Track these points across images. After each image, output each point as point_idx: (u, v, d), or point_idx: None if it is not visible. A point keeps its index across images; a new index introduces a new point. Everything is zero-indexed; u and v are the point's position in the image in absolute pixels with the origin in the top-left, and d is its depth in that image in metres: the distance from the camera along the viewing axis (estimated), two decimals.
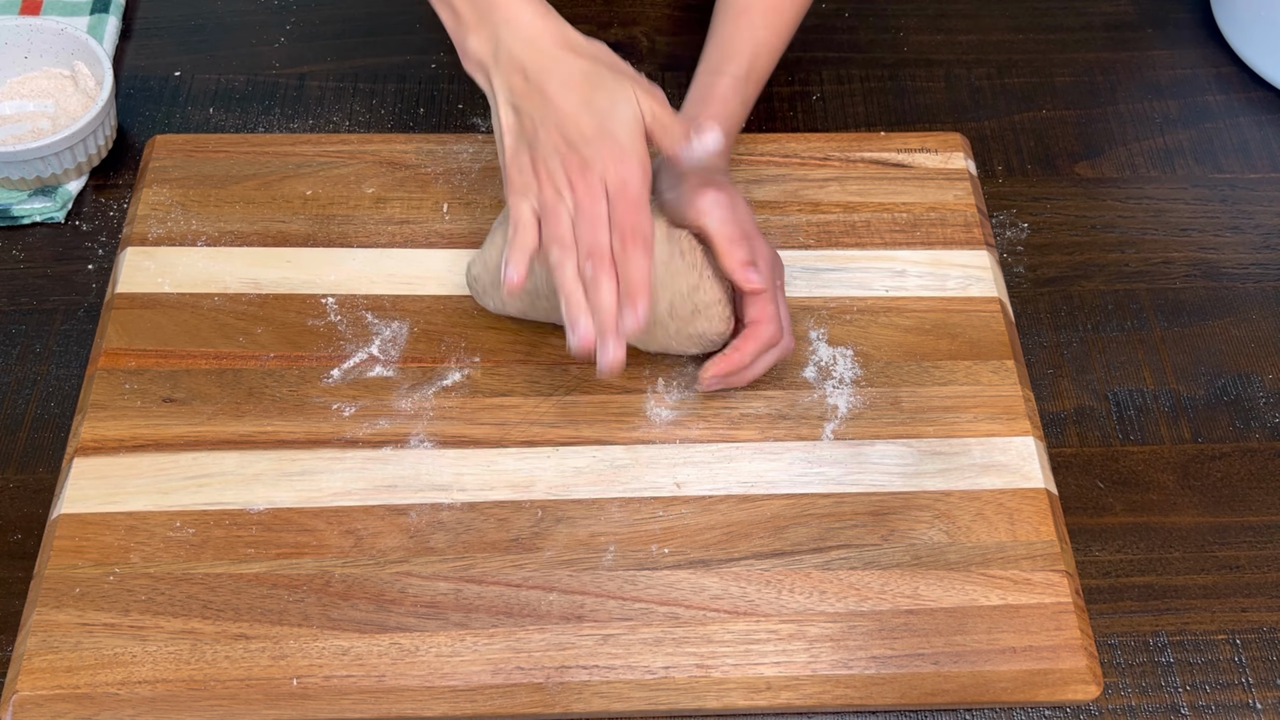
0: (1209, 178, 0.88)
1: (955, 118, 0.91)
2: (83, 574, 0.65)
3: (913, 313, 0.77)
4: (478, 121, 0.88)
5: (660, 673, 0.64)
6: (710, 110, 0.74)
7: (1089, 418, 0.76)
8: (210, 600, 0.65)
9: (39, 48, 0.84)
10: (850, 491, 0.70)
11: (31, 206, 0.81)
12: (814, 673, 0.64)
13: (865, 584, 0.67)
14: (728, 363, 0.69)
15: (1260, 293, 0.82)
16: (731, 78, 0.75)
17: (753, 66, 0.77)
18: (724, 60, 0.76)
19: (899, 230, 0.81)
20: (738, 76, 0.75)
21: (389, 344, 0.74)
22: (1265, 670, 0.68)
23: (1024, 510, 0.69)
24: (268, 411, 0.71)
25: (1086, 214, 0.86)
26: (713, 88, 0.75)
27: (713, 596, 0.66)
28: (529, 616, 0.65)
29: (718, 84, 0.75)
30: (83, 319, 0.77)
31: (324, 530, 0.67)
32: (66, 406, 0.73)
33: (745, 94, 0.76)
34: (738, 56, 0.76)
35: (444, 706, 0.63)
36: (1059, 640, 0.65)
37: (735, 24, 0.77)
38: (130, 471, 0.69)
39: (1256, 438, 0.76)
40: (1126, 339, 0.80)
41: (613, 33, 0.95)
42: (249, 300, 0.76)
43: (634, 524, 0.68)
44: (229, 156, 0.82)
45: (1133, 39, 0.97)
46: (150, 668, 0.62)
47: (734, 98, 0.75)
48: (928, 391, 0.74)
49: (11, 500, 0.70)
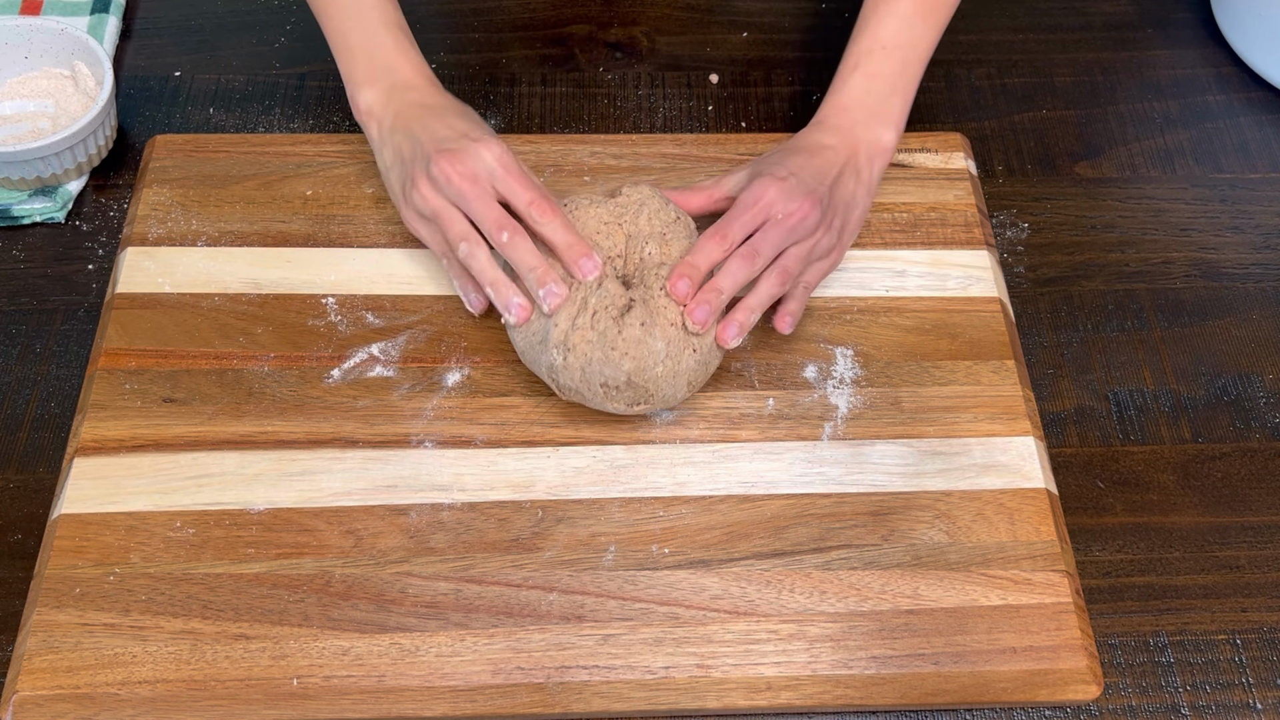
0: (1209, 178, 0.88)
1: (955, 118, 0.91)
2: (83, 574, 0.65)
3: (913, 313, 0.77)
4: None
5: (660, 673, 0.64)
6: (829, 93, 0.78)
7: (1089, 418, 0.76)
8: (210, 600, 0.65)
9: (39, 48, 0.84)
10: (850, 491, 0.70)
11: (31, 206, 0.81)
12: (814, 673, 0.64)
13: (865, 584, 0.67)
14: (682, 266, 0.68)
15: (1260, 293, 0.82)
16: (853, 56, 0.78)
17: (873, 42, 0.77)
18: (850, 43, 0.78)
19: (899, 230, 0.81)
20: (858, 54, 0.78)
21: (389, 344, 0.74)
22: (1265, 670, 0.68)
23: (1024, 510, 0.69)
24: (268, 411, 0.71)
25: (1086, 214, 0.86)
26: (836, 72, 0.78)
27: (713, 596, 0.66)
28: (529, 616, 0.65)
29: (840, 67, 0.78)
30: (83, 319, 0.77)
31: (324, 530, 0.67)
32: (66, 406, 0.73)
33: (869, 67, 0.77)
34: (858, 36, 0.78)
35: (444, 706, 0.63)
36: (1059, 640, 0.65)
37: (864, 12, 0.79)
38: (130, 471, 0.69)
39: (1256, 438, 0.76)
40: (1126, 339, 0.80)
41: (613, 33, 0.95)
42: (249, 300, 0.76)
43: (634, 524, 0.68)
44: (229, 156, 0.82)
45: (1133, 39, 0.97)
46: (150, 668, 0.62)
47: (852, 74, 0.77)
48: (928, 391, 0.74)
49: (11, 500, 0.70)
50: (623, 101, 0.90)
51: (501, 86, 0.91)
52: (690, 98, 0.91)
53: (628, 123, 0.89)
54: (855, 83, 0.77)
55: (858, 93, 0.77)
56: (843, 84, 0.78)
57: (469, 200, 0.69)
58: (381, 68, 0.75)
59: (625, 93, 0.91)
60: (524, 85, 0.91)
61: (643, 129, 0.88)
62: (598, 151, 0.83)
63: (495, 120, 0.88)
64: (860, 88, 0.77)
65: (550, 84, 0.91)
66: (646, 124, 0.89)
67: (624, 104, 0.90)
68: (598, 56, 0.93)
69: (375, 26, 0.75)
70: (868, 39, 0.78)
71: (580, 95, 0.90)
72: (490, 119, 0.88)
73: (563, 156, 0.83)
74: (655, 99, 0.90)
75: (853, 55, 0.78)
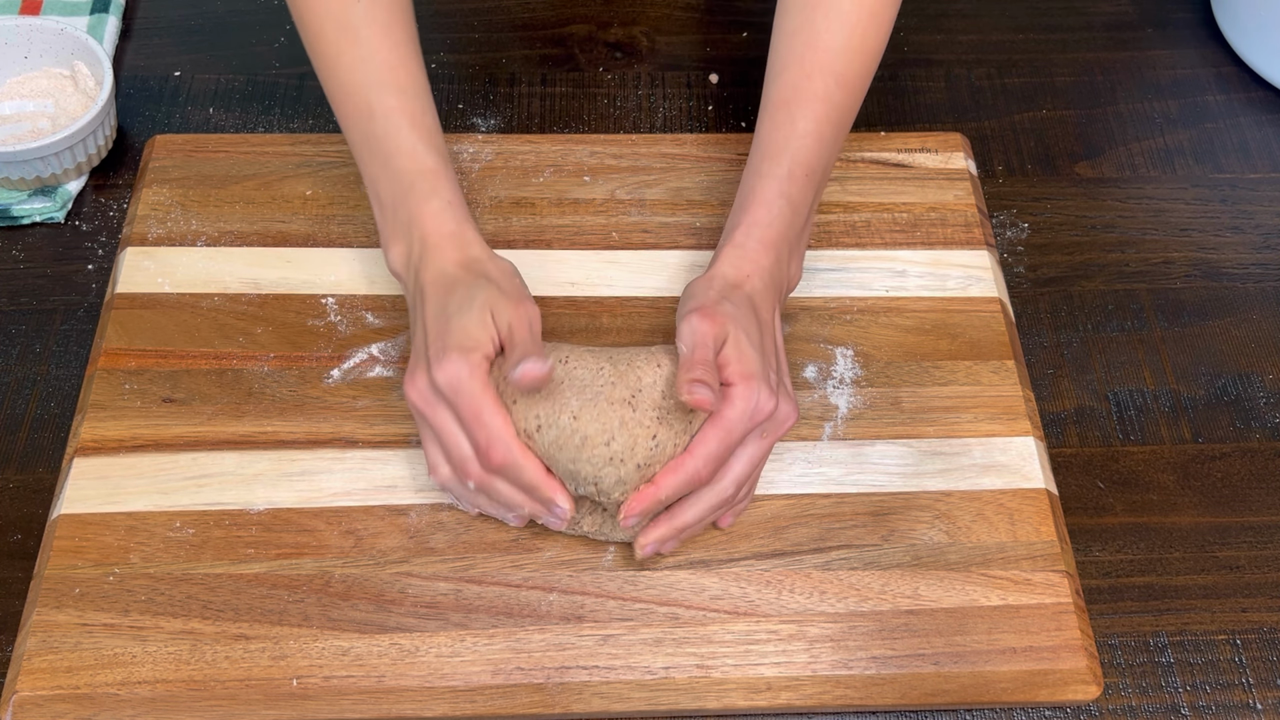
0: (1209, 178, 0.88)
1: (955, 118, 0.91)
2: (82, 574, 0.65)
3: (913, 313, 0.77)
4: (477, 121, 0.88)
5: (660, 673, 0.64)
6: (746, 218, 0.68)
7: (1089, 418, 0.76)
8: (210, 600, 0.65)
9: (39, 48, 0.84)
10: (850, 492, 0.70)
11: (31, 206, 0.81)
12: (814, 673, 0.64)
13: (865, 584, 0.67)
14: (640, 498, 0.62)
15: (1260, 293, 0.82)
16: (773, 179, 0.69)
17: (794, 164, 0.69)
18: (762, 160, 0.70)
19: (899, 230, 0.81)
20: (779, 177, 0.69)
21: (389, 344, 0.74)
22: (1265, 670, 0.68)
23: (1024, 510, 0.69)
24: (268, 411, 0.71)
25: (1086, 214, 0.86)
26: (753, 191, 0.69)
27: (713, 597, 0.66)
28: (529, 617, 0.65)
29: (758, 187, 0.69)
30: (83, 319, 0.77)
31: (324, 530, 0.67)
32: (66, 406, 0.73)
33: (790, 193, 0.68)
34: (778, 156, 0.69)
35: (444, 707, 0.63)
36: (1059, 640, 0.65)
37: (773, 119, 0.70)
38: (130, 471, 0.69)
39: (1256, 438, 0.76)
40: (1126, 339, 0.80)
41: (613, 33, 0.95)
42: (249, 300, 0.76)
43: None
44: (229, 156, 0.82)
45: (1133, 39, 0.97)
46: (150, 668, 0.62)
47: (777, 200, 0.68)
48: (928, 391, 0.74)
49: (11, 500, 0.70)
50: (623, 101, 0.90)
51: (501, 86, 0.91)
52: (690, 98, 0.91)
53: (628, 123, 0.89)
54: (781, 210, 0.68)
55: (782, 225, 0.68)
56: (768, 213, 0.68)
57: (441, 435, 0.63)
58: (404, 224, 0.68)
59: (625, 93, 0.91)
60: (524, 85, 0.91)
61: (643, 129, 0.88)
62: (598, 151, 0.84)
63: (495, 120, 0.88)
64: (785, 219, 0.68)
65: (550, 84, 0.91)
66: (646, 124, 0.89)
67: (624, 104, 0.90)
68: (598, 56, 0.93)
69: (405, 175, 0.68)
70: (788, 160, 0.69)
71: (580, 95, 0.90)
72: (490, 119, 0.88)
73: (563, 156, 0.83)
74: (655, 99, 0.90)
75: (774, 178, 0.69)
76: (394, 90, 0.69)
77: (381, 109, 0.69)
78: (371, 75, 0.69)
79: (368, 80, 0.69)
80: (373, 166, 0.69)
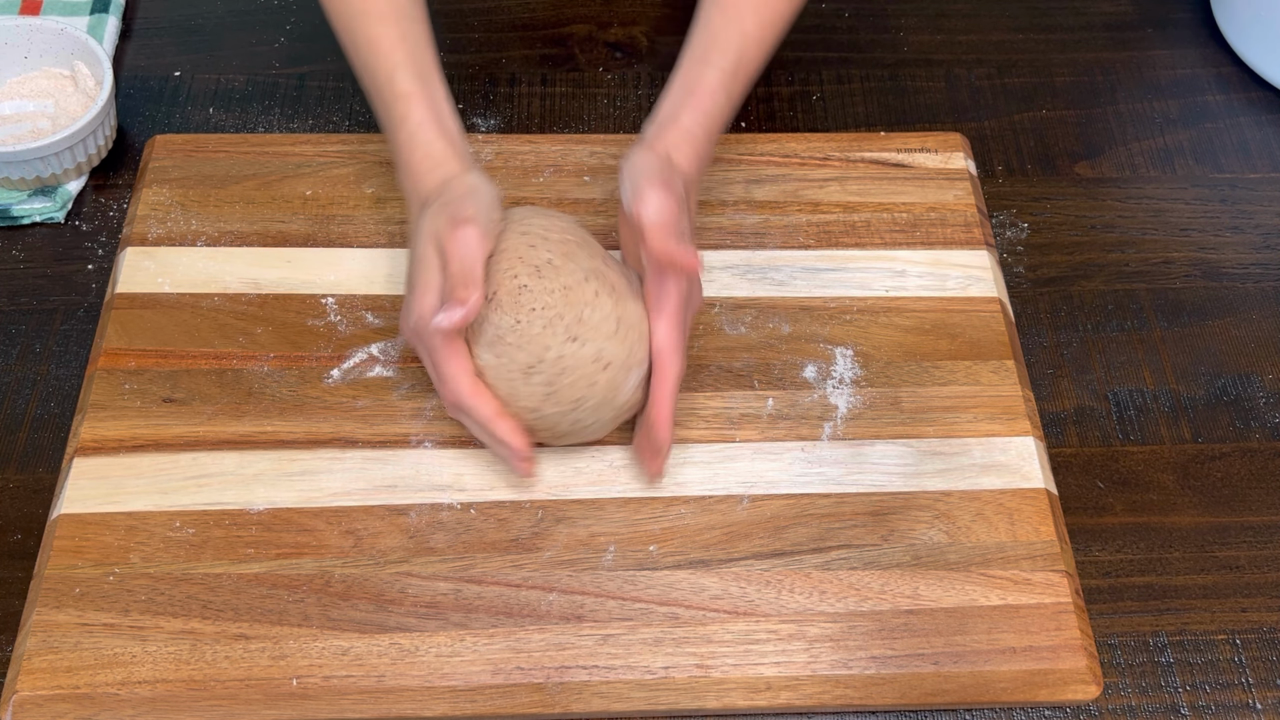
0: (1209, 178, 0.88)
1: (955, 118, 0.91)
2: (83, 574, 0.65)
3: (913, 313, 0.77)
4: (477, 121, 0.88)
5: (660, 673, 0.64)
6: (693, 103, 0.70)
7: (1089, 418, 0.76)
8: (210, 600, 0.65)
9: (39, 48, 0.84)
10: (850, 491, 0.70)
11: (31, 206, 0.81)
12: (814, 673, 0.64)
13: (865, 584, 0.67)
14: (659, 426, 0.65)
15: (1260, 293, 0.82)
16: (718, 70, 0.70)
17: (740, 61, 0.71)
18: (710, 50, 0.71)
19: (899, 230, 0.81)
20: (725, 70, 0.71)
21: (389, 344, 0.74)
22: (1265, 670, 0.68)
23: (1024, 510, 0.69)
24: (268, 411, 0.71)
25: (1086, 214, 0.86)
26: (700, 80, 0.70)
27: (712, 597, 0.66)
28: (529, 616, 0.65)
29: (704, 76, 0.70)
30: (83, 319, 0.77)
31: (324, 530, 0.67)
32: (66, 406, 0.73)
33: (731, 90, 0.71)
34: (725, 50, 0.71)
35: (444, 706, 0.63)
36: (1059, 640, 0.65)
37: (724, 14, 0.72)
38: (130, 471, 0.69)
39: (1256, 438, 0.76)
40: (1126, 339, 0.80)
41: (613, 33, 0.95)
42: (249, 300, 0.76)
43: (634, 524, 0.68)
44: (229, 156, 0.82)
45: (1133, 39, 0.97)
46: (150, 668, 0.62)
47: (720, 92, 0.70)
48: (928, 391, 0.74)
49: (11, 500, 0.70)
50: (623, 101, 0.90)
51: (501, 86, 0.91)
52: None
53: (628, 123, 0.89)
54: (722, 105, 0.71)
55: (721, 119, 0.71)
56: (714, 104, 0.70)
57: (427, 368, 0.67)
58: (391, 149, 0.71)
59: (625, 93, 0.91)
60: (524, 85, 0.91)
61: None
62: (598, 151, 0.83)
63: (495, 120, 0.88)
64: (725, 114, 0.71)
65: (550, 84, 0.91)
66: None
67: (624, 104, 0.90)
68: (598, 56, 0.93)
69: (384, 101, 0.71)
70: (735, 56, 0.71)
71: (580, 95, 0.90)
72: (490, 119, 0.88)
73: (563, 156, 0.83)
74: (655, 99, 0.90)
75: (721, 71, 0.71)
76: (377, 19, 0.71)
77: (365, 38, 0.71)
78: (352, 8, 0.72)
79: (346, 13, 0.72)
80: (368, 95, 0.72)
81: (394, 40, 0.70)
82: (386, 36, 0.70)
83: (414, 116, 0.69)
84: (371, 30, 0.71)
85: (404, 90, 0.69)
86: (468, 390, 0.64)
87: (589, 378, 0.64)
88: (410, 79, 0.70)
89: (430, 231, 0.65)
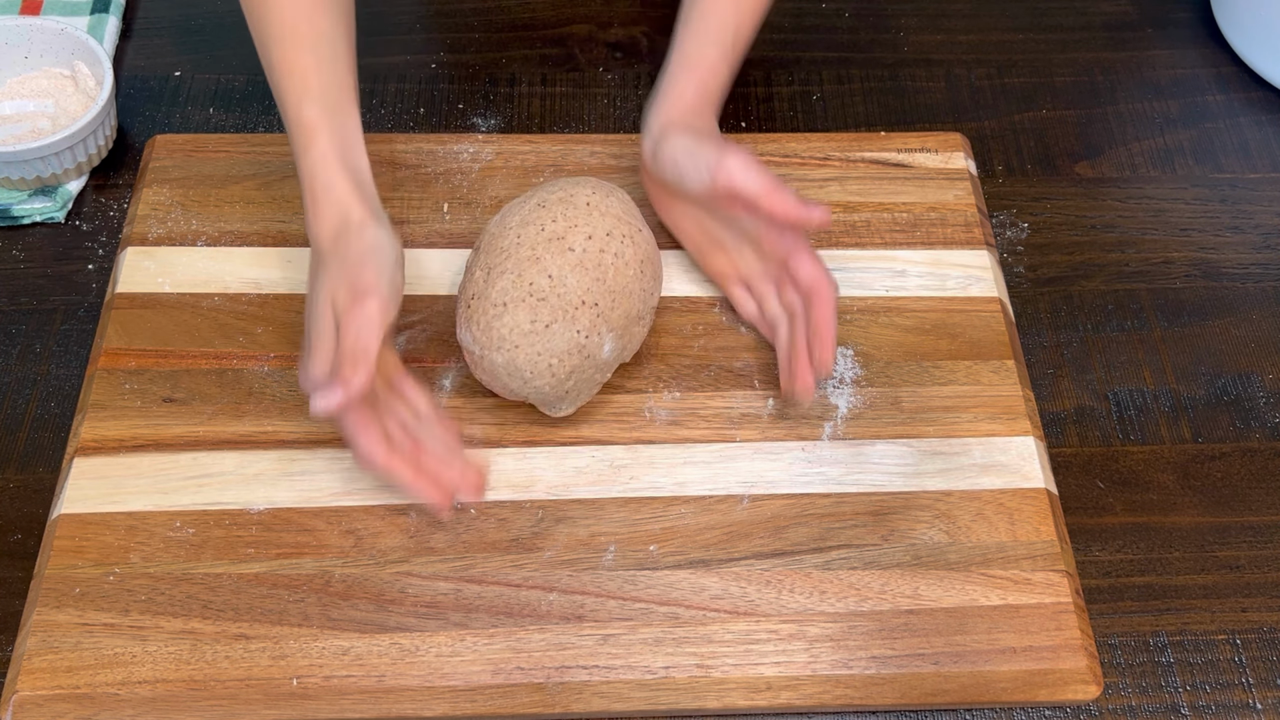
0: (1209, 178, 0.88)
1: (955, 118, 0.91)
2: (83, 574, 0.65)
3: (913, 313, 0.77)
4: (477, 121, 0.88)
5: (660, 673, 0.64)
6: (696, 79, 0.73)
7: (1089, 418, 0.76)
8: (210, 600, 0.65)
9: (39, 48, 0.84)
10: (850, 491, 0.70)
11: (31, 206, 0.81)
12: (814, 673, 0.64)
13: (865, 584, 0.67)
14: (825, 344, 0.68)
15: (1260, 293, 0.82)
16: (718, 46, 0.73)
17: (737, 34, 0.74)
18: (708, 27, 0.74)
19: (899, 230, 0.81)
20: (724, 45, 0.73)
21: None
22: (1265, 670, 0.68)
23: (1024, 510, 0.69)
24: (268, 411, 0.71)
25: (1086, 214, 0.86)
26: (701, 56, 0.73)
27: (713, 596, 0.66)
28: (529, 616, 0.65)
29: (705, 53, 0.73)
30: (83, 319, 0.77)
31: (324, 530, 0.67)
32: (66, 406, 0.73)
33: (731, 64, 0.74)
34: (724, 25, 0.74)
35: (444, 706, 0.63)
36: (1059, 640, 0.65)
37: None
38: (130, 471, 0.69)
39: (1256, 438, 0.76)
40: (1126, 339, 0.80)
41: (613, 33, 0.95)
42: (249, 300, 0.76)
43: (634, 524, 0.68)
44: (229, 156, 0.82)
45: (1133, 39, 0.97)
46: (150, 668, 0.62)
47: (722, 67, 0.73)
48: (928, 391, 0.74)
49: (11, 500, 0.70)
50: (623, 101, 0.90)
51: (501, 86, 0.91)
52: None
53: (628, 123, 0.89)
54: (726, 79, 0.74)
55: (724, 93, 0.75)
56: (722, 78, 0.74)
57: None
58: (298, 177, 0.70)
59: (625, 93, 0.91)
60: (524, 85, 0.91)
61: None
62: (598, 151, 0.83)
63: (495, 120, 0.88)
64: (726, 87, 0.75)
65: (550, 84, 0.91)
66: None
67: (624, 104, 0.90)
68: (598, 56, 0.93)
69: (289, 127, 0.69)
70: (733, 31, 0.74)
71: (580, 95, 0.90)
72: (490, 119, 0.88)
73: (562, 156, 0.83)
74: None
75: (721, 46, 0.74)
76: (293, 44, 0.68)
77: (281, 61, 0.68)
78: (270, 30, 0.68)
79: (265, 35, 0.69)
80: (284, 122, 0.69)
81: (308, 67, 0.68)
82: (301, 63, 0.68)
83: (317, 148, 0.67)
84: (287, 55, 0.68)
85: (309, 120, 0.67)
86: (381, 460, 0.63)
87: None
88: (318, 109, 0.67)
89: (328, 294, 0.63)
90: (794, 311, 0.71)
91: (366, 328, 0.62)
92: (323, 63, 0.68)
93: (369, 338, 0.62)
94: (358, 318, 0.62)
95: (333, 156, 0.67)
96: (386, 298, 0.63)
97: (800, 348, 0.70)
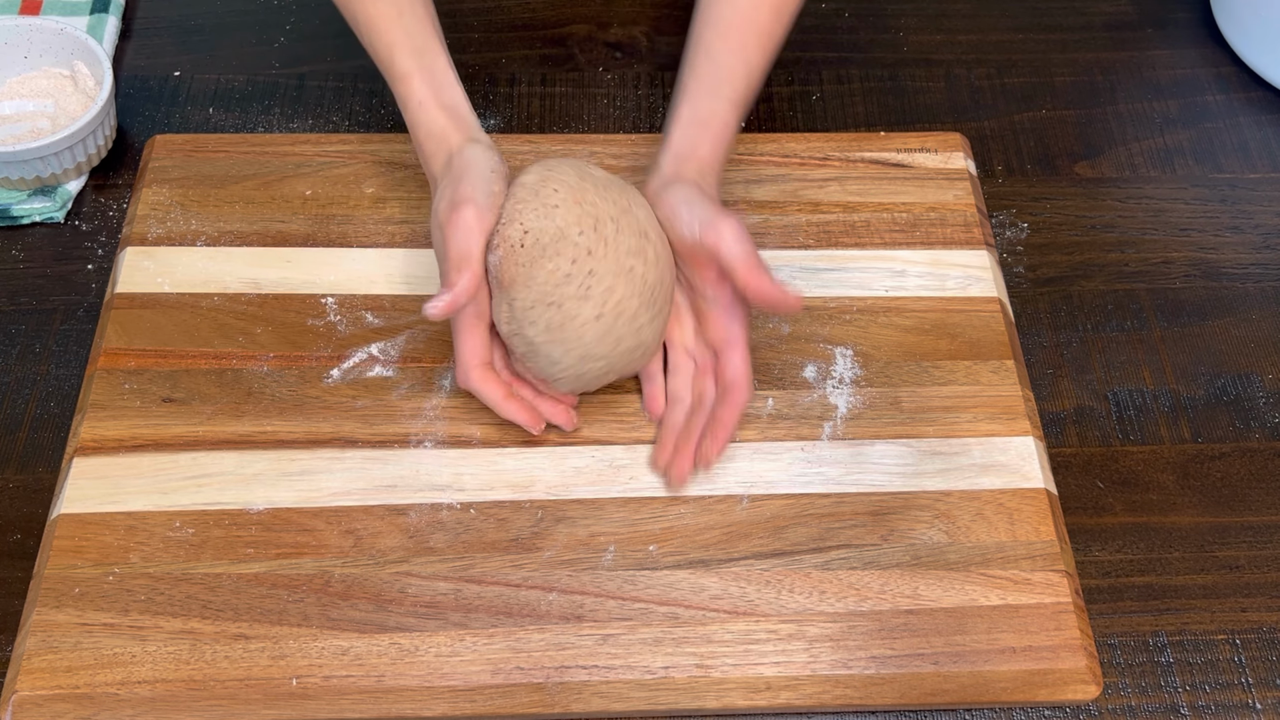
0: (1209, 178, 0.88)
1: (955, 118, 0.91)
2: (82, 574, 0.65)
3: (913, 313, 0.77)
4: None
5: (660, 673, 0.64)
6: (709, 135, 0.72)
7: (1089, 418, 0.76)
8: (210, 600, 0.65)
9: (39, 48, 0.84)
10: (850, 491, 0.70)
11: (31, 206, 0.81)
12: (814, 673, 0.64)
13: (865, 584, 0.67)
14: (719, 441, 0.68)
15: (1260, 293, 0.82)
16: (729, 102, 0.72)
17: (747, 89, 0.73)
18: (719, 83, 0.73)
19: (899, 230, 0.81)
20: (735, 101, 0.73)
21: (388, 344, 0.74)
22: (1265, 670, 0.68)
23: (1024, 510, 0.69)
24: (267, 411, 0.71)
25: (1086, 214, 0.86)
26: (714, 112, 0.72)
27: (712, 596, 0.66)
28: (529, 616, 0.65)
29: (717, 108, 0.72)
30: (83, 319, 0.77)
31: (324, 530, 0.67)
32: (66, 406, 0.73)
33: (741, 116, 0.74)
34: (734, 81, 0.73)
35: (444, 706, 0.63)
36: (1059, 640, 0.65)
37: (727, 44, 0.73)
38: (130, 471, 0.69)
39: (1256, 438, 0.76)
40: (1126, 339, 0.80)
41: (613, 33, 0.95)
42: (249, 300, 0.76)
43: (634, 524, 0.68)
44: (229, 156, 0.82)
45: (1133, 39, 0.97)
46: (150, 668, 0.62)
47: (733, 121, 0.73)
48: (928, 391, 0.74)
49: (11, 500, 0.70)
50: (623, 101, 0.90)
51: (501, 86, 0.91)
52: None
53: (627, 123, 0.89)
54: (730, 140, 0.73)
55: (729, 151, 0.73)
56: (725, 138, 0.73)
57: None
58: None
59: (625, 93, 0.91)
60: (524, 85, 0.91)
61: (642, 129, 0.88)
62: (598, 151, 0.84)
63: (495, 120, 0.88)
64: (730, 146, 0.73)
65: (550, 84, 0.91)
66: (646, 124, 0.89)
67: (624, 104, 0.90)
68: (598, 56, 0.93)
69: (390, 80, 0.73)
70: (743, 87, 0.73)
71: (580, 95, 0.90)
72: (490, 119, 0.88)
73: (562, 156, 0.83)
74: (655, 99, 0.90)
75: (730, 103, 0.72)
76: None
77: (364, 17, 0.72)
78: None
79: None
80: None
81: (390, 19, 0.72)
82: (382, 15, 0.72)
83: (415, 97, 0.71)
84: (368, 10, 0.72)
85: (402, 70, 0.71)
86: (476, 371, 0.67)
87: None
88: (407, 57, 0.71)
89: (439, 217, 0.67)
90: (701, 400, 0.70)
91: (465, 234, 0.65)
92: (402, 10, 0.72)
93: (469, 243, 0.65)
94: (459, 227, 0.65)
95: (430, 100, 0.71)
96: (482, 205, 0.66)
97: (694, 433, 0.69)
